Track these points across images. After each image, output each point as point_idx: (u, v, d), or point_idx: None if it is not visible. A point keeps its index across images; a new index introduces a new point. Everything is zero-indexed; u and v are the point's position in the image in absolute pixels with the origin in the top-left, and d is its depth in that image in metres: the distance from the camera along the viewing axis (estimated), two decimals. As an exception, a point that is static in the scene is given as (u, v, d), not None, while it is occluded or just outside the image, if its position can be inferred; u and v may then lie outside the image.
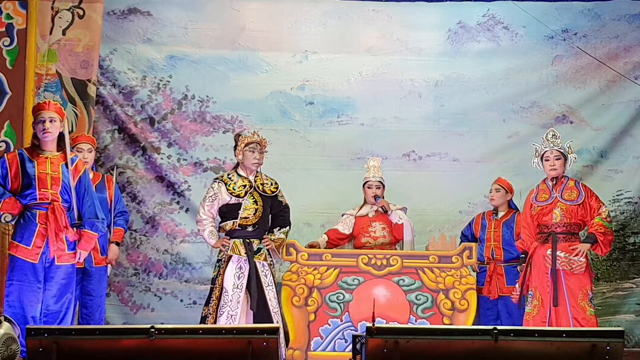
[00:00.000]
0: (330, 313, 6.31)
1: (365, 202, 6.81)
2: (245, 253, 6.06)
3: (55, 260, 5.35)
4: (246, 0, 7.82)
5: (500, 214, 6.78)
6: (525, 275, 6.03)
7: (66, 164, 5.48)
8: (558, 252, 5.89)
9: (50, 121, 5.46)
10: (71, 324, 5.47)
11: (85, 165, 5.79)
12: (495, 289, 6.55)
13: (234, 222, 6.14)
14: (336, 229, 6.75)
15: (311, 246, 6.53)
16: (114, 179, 6.69)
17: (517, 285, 6.10)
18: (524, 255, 6.20)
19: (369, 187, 6.76)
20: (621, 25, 7.75)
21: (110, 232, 6.40)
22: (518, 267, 6.36)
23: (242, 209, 6.14)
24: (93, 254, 6.13)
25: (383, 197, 6.70)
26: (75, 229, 5.44)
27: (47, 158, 5.46)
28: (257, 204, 6.16)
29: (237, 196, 6.16)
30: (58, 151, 5.53)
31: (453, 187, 7.68)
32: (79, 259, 5.50)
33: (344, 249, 6.68)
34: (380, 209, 6.67)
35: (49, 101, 5.67)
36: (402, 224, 6.62)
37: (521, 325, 5.97)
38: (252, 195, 6.16)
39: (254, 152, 6.22)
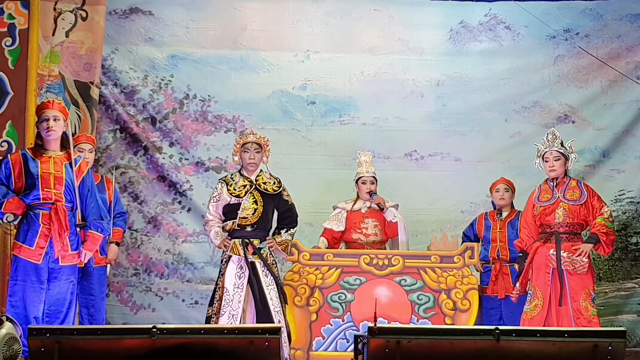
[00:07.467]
0: (332, 313, 6.31)
1: (358, 197, 6.80)
2: (244, 253, 6.06)
3: (59, 261, 5.36)
4: (248, -1, 7.85)
5: (505, 214, 6.77)
6: (527, 274, 6.02)
7: (70, 164, 5.48)
8: (561, 252, 5.88)
9: (54, 120, 5.46)
10: (72, 324, 5.48)
11: (89, 165, 5.80)
12: (501, 289, 6.54)
13: (233, 222, 6.15)
14: (330, 229, 6.70)
15: None
16: (113, 179, 6.69)
17: (517, 285, 6.10)
18: (521, 254, 6.20)
19: (362, 183, 6.73)
20: (623, 25, 7.75)
21: (110, 232, 6.41)
22: (516, 266, 6.34)
23: (241, 209, 6.14)
24: (93, 254, 6.12)
25: (376, 192, 6.69)
26: (79, 229, 5.44)
27: (50, 157, 5.46)
28: (257, 204, 6.16)
29: (237, 196, 6.16)
30: (62, 151, 5.53)
31: (455, 187, 7.69)
32: (84, 259, 5.49)
33: (346, 250, 6.67)
34: (375, 206, 6.66)
35: (53, 100, 5.67)
36: (396, 222, 6.61)
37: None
38: (253, 195, 6.16)
39: (248, 152, 6.22)
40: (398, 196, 7.08)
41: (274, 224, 6.35)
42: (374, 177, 6.73)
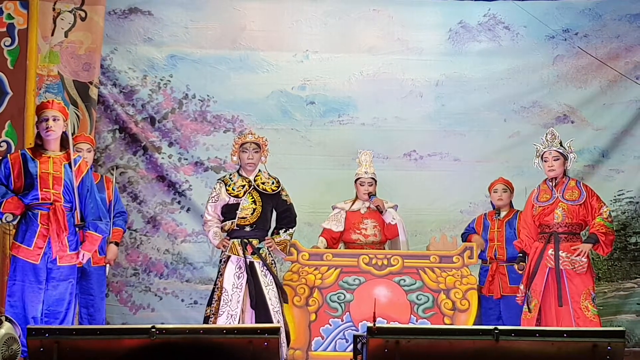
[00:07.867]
0: (331, 313, 6.31)
1: (357, 197, 6.79)
2: (243, 253, 6.06)
3: (57, 261, 5.36)
4: (247, -1, 7.85)
5: (503, 214, 6.76)
6: (529, 275, 6.02)
7: (69, 164, 5.48)
8: (560, 252, 5.89)
9: (54, 120, 5.46)
10: (72, 324, 5.47)
11: (88, 166, 5.80)
12: (498, 289, 6.54)
13: (232, 222, 6.15)
14: (329, 229, 6.69)
15: None
16: (113, 179, 6.69)
17: (521, 286, 6.09)
18: (521, 255, 6.20)
19: (361, 184, 6.72)
20: (622, 25, 7.76)
21: (109, 232, 6.40)
22: (516, 267, 6.34)
23: (239, 209, 6.14)
24: (92, 254, 6.12)
25: (375, 193, 6.68)
26: (78, 230, 5.44)
27: (49, 157, 5.45)
28: (255, 204, 6.15)
29: (236, 196, 6.16)
30: (61, 151, 5.53)
31: (454, 187, 7.69)
32: (82, 259, 5.49)
33: (345, 250, 6.67)
34: (374, 208, 6.65)
35: (53, 100, 5.66)
36: (396, 224, 6.61)
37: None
38: (251, 195, 6.16)
39: (246, 152, 6.22)
40: (397, 196, 7.08)
41: (273, 224, 6.35)
42: (373, 178, 6.72)
